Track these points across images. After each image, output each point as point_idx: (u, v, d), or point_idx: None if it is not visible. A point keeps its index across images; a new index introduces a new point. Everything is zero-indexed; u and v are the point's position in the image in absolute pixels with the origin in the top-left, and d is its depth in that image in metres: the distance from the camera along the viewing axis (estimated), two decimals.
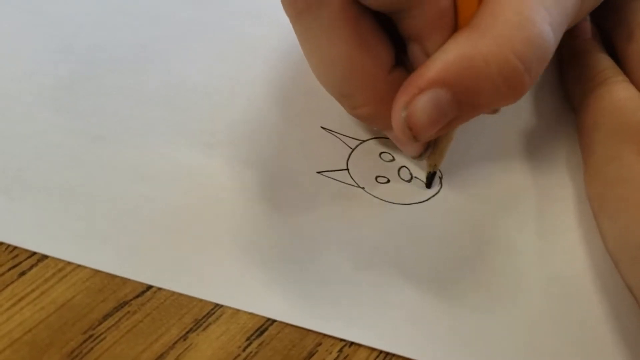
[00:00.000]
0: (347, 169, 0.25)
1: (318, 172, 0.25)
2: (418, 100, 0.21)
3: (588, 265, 0.23)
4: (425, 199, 0.25)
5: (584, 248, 0.24)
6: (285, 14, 0.23)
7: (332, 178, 0.25)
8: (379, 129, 0.26)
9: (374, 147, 0.26)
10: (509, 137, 0.28)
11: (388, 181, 0.25)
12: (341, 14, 0.22)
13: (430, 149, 0.25)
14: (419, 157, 0.25)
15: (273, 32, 0.30)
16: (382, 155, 0.26)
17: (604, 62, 0.28)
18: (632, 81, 0.26)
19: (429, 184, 0.25)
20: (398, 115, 0.22)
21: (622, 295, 0.22)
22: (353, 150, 0.26)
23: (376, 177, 0.25)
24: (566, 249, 0.24)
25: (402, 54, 0.24)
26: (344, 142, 0.26)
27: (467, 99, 0.21)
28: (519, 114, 0.29)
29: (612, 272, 0.23)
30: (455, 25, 0.22)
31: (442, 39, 0.22)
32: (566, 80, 0.30)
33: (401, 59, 0.24)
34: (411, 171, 0.26)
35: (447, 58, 0.21)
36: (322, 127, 0.27)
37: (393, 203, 0.25)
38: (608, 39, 0.30)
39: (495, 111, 0.24)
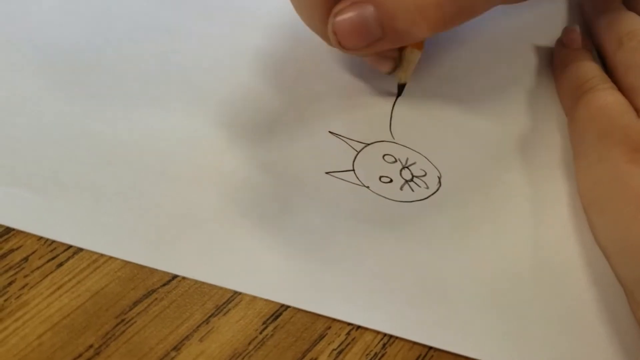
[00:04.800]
0: (353, 170, 0.26)
1: (326, 173, 0.26)
2: (346, 10, 0.25)
3: (578, 254, 0.24)
4: (425, 197, 0.26)
5: (576, 240, 0.25)
6: None
7: (340, 178, 0.26)
8: (360, 56, 0.29)
9: (378, 149, 0.27)
10: (505, 140, 0.28)
11: (391, 181, 0.26)
12: None
13: (397, 67, 0.29)
14: (389, 73, 0.29)
15: (287, 44, 0.31)
16: (385, 157, 0.27)
17: (593, 70, 0.29)
18: (619, 88, 0.27)
19: (399, 94, 0.29)
20: (330, 21, 0.26)
21: (611, 282, 0.23)
22: (358, 152, 0.27)
23: (380, 177, 0.26)
24: (559, 241, 0.25)
25: None
26: (350, 145, 0.27)
27: (388, 21, 0.25)
28: (516, 117, 0.29)
29: (601, 261, 0.24)
30: None
31: None
32: (558, 87, 0.31)
33: None
34: (412, 172, 0.27)
35: None
36: (330, 132, 0.28)
37: (395, 201, 0.26)
38: (597, 48, 0.31)
39: (420, 47, 0.28)
